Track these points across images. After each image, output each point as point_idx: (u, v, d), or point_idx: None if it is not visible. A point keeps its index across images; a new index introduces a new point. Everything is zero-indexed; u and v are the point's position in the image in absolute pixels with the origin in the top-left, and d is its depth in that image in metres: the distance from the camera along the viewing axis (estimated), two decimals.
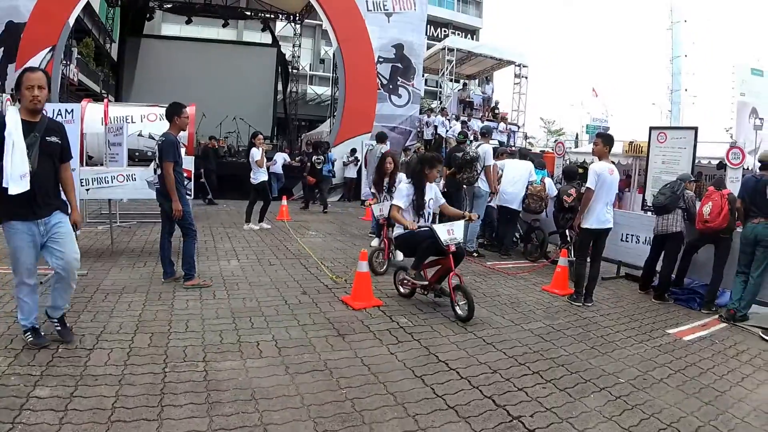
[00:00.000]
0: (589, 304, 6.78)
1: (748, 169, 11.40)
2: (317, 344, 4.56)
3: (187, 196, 6.62)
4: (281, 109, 25.55)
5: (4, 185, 3.74)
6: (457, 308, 5.67)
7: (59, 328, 4.29)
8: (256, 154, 10.74)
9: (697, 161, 10.12)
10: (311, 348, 4.46)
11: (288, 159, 17.09)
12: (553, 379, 4.31)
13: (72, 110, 6.81)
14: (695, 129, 9.45)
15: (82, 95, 20.53)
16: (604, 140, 6.85)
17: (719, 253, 6.99)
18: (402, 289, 6.38)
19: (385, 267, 7.52)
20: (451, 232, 5.71)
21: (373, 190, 8.80)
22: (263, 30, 25.54)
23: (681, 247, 7.36)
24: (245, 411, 3.30)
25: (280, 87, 25.71)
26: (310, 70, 37.55)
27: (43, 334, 4.22)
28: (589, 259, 6.90)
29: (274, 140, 23.47)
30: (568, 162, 13.53)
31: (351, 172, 17.42)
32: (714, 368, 4.95)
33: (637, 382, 4.42)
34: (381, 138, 13.25)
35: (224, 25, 24.60)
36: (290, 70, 26.24)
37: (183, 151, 6.81)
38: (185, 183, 6.56)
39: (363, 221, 13.16)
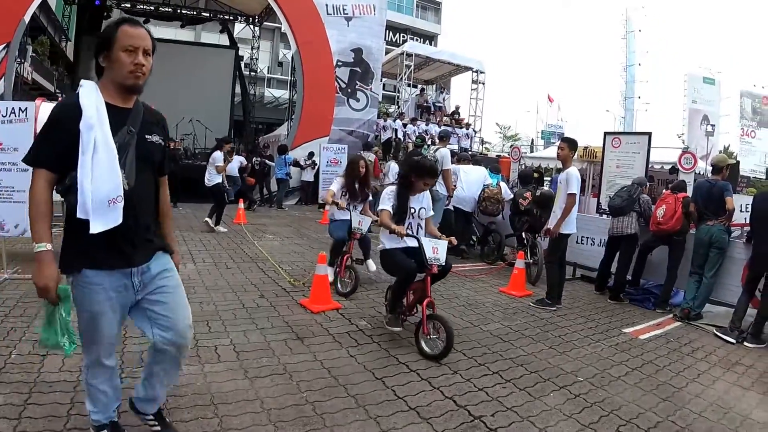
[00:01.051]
0: (560, 306, 6.88)
1: (699, 173, 11.76)
2: (276, 348, 4.50)
3: None
4: (239, 111, 25.29)
5: (80, 215, 2.31)
6: (423, 342, 4.67)
7: (158, 428, 2.92)
8: (219, 158, 10.78)
9: (650, 166, 10.38)
10: (270, 352, 4.40)
11: (244, 162, 16.88)
12: (513, 378, 4.35)
13: (26, 109, 6.55)
14: (649, 134, 9.70)
15: (35, 94, 19.82)
16: (569, 145, 6.96)
17: (673, 254, 7.21)
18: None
19: (350, 287, 6.50)
20: (436, 251, 4.77)
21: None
22: (221, 31, 25.24)
23: (635, 248, 7.56)
24: (204, 416, 3.23)
25: (238, 89, 25.42)
26: (268, 73, 37.31)
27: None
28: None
29: (232, 143, 23.18)
30: (523, 167, 13.72)
31: (308, 176, 17.28)
32: (670, 365, 5.08)
33: (595, 380, 4.50)
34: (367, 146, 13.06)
35: (182, 26, 24.24)
36: (248, 72, 25.99)
37: None
38: None
39: (320, 224, 13.05)
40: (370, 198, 7.33)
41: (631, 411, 3.95)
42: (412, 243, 5.00)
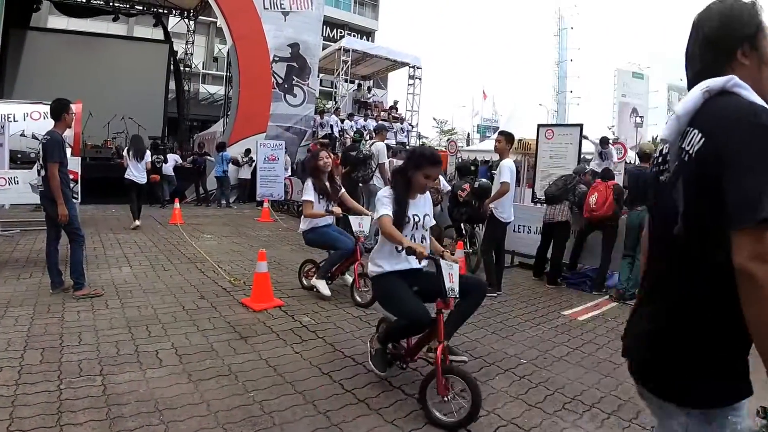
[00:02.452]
0: (500, 293, 7.03)
1: (630, 162, 12.19)
2: (219, 349, 4.42)
3: (74, 200, 6.24)
4: (173, 108, 24.60)
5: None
6: (436, 412, 3.43)
7: None
8: (149, 156, 11.18)
9: (582, 156, 10.69)
10: (213, 353, 4.32)
11: (180, 160, 16.51)
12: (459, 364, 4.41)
13: None
14: (581, 126, 9.98)
15: None
16: (506, 138, 7.14)
17: (606, 239, 7.48)
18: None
19: (370, 296, 5.88)
20: (452, 278, 3.52)
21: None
22: (155, 25, 24.29)
23: (568, 235, 7.80)
24: (150, 424, 3.14)
25: (172, 86, 24.68)
26: (203, 69, 36.40)
27: None
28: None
29: (166, 140, 22.49)
30: (460, 160, 13.91)
31: (245, 173, 17.01)
32: (609, 343, 5.30)
33: (538, 362, 4.65)
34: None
35: (114, 20, 23.21)
36: (183, 68, 25.35)
37: (69, 151, 6.42)
38: (71, 185, 6.18)
39: (259, 223, 13.00)
40: (342, 189, 6.89)
41: (574, 388, 4.10)
42: (410, 263, 3.90)
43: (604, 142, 13.53)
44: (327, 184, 6.42)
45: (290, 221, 13.31)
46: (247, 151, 16.87)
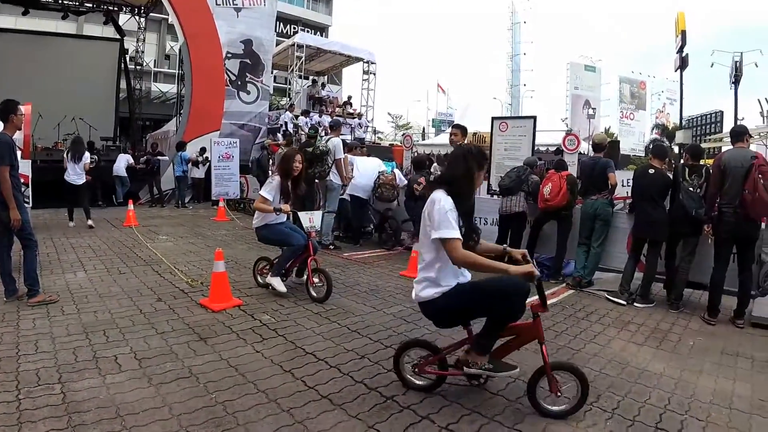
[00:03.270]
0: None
1: (583, 153, 12.46)
2: (179, 351, 4.37)
3: (26, 204, 6.08)
4: (125, 108, 23.99)
5: None
6: (546, 405, 3.54)
7: None
8: (87, 157, 11.19)
9: (536, 148, 10.86)
10: (173, 356, 4.27)
11: (131, 160, 16.21)
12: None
13: None
14: (534, 118, 10.13)
15: None
16: (461, 131, 7.26)
17: (562, 228, 7.68)
18: (417, 381, 3.84)
19: (325, 291, 6.06)
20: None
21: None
22: (105, 23, 23.55)
23: (525, 225, 7.95)
24: (112, 430, 3.09)
25: (123, 84, 24.05)
26: (155, 67, 35.75)
27: None
28: None
29: (117, 141, 21.99)
30: (416, 154, 14.00)
31: (199, 173, 16.78)
32: (568, 330, 5.46)
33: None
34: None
35: (64, 17, 22.45)
36: (134, 66, 24.74)
37: (19, 154, 6.25)
38: (22, 189, 6.00)
39: (215, 222, 12.88)
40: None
41: None
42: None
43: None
44: (289, 184, 6.37)
45: (246, 220, 13.18)
46: (202, 150, 16.66)
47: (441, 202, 3.50)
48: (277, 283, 6.19)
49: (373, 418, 3.37)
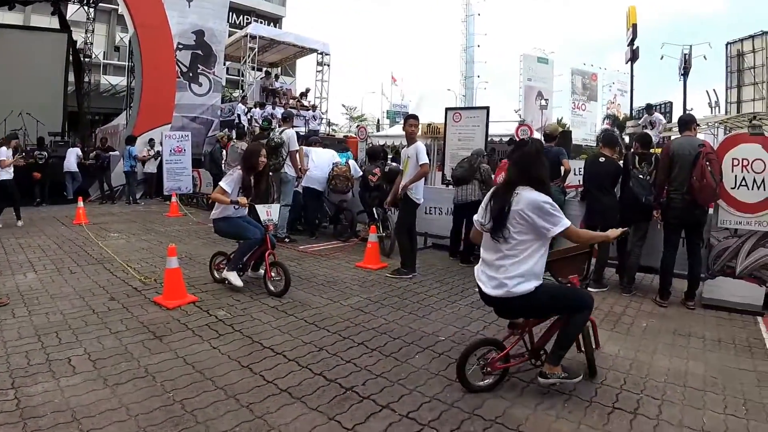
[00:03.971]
0: (415, 274, 7.21)
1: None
2: (134, 351, 4.30)
3: None
4: (73, 101, 23.29)
5: None
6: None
7: None
8: (2, 153, 10.55)
9: (489, 139, 11.02)
10: (128, 356, 4.19)
11: (81, 155, 15.81)
12: (379, 346, 4.54)
13: None
14: (487, 108, 10.29)
15: None
16: (417, 121, 7.30)
17: None
18: (481, 382, 3.80)
19: (283, 285, 6.05)
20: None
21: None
22: (53, 14, 22.75)
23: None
24: None
25: (71, 78, 23.33)
26: (104, 59, 34.70)
27: None
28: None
29: (66, 136, 21.31)
30: (370, 145, 14.04)
31: (151, 167, 16.46)
32: None
33: (456, 338, 4.83)
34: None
35: (10, 8, 21.49)
36: (83, 58, 24.00)
37: None
38: None
39: (168, 218, 12.69)
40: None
41: None
42: None
43: (648, 108, 14.06)
44: (252, 180, 6.29)
45: (200, 215, 13.08)
46: (151, 142, 16.35)
47: (542, 198, 3.57)
48: (234, 278, 6.11)
49: (334, 409, 3.39)
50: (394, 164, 9.85)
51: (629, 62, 30.50)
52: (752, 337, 5.21)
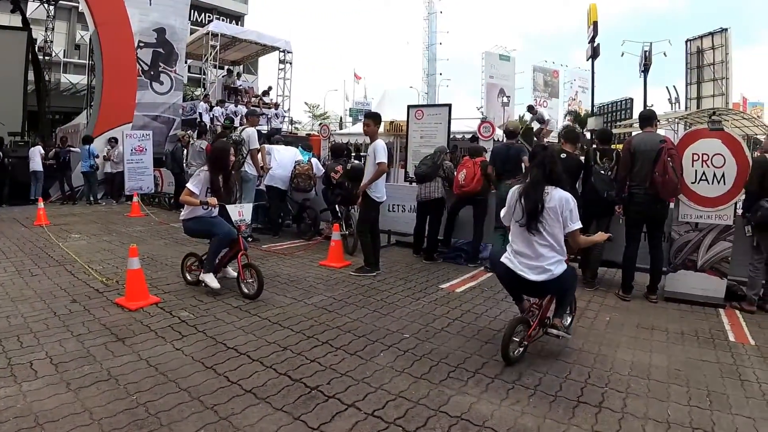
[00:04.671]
0: (379, 271, 7.27)
1: (498, 140, 12.88)
2: (97, 353, 4.25)
3: None
4: (33, 101, 22.72)
5: None
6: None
7: None
8: None
9: (452, 136, 11.11)
10: (91, 358, 4.15)
11: (43, 153, 15.48)
12: (343, 345, 4.57)
13: None
14: (449, 106, 10.37)
15: None
16: (374, 120, 7.32)
17: (478, 213, 7.93)
18: (518, 351, 4.34)
19: (256, 287, 5.93)
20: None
21: None
22: (13, 11, 22.14)
23: (443, 211, 8.16)
24: None
25: (31, 76, 22.71)
26: (64, 57, 33.97)
27: None
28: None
29: (26, 136, 20.78)
30: (333, 143, 14.07)
31: (115, 167, 16.22)
32: (487, 312, 5.69)
33: (421, 335, 4.88)
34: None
35: None
36: (42, 56, 23.38)
37: None
38: None
39: (129, 218, 12.53)
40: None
41: (458, 357, 4.37)
42: None
43: (530, 109, 14.24)
44: (221, 181, 6.18)
45: (162, 215, 12.97)
46: (114, 141, 16.09)
47: (570, 197, 4.24)
48: (210, 280, 6.01)
49: (299, 409, 3.41)
50: (356, 162, 9.90)
51: (590, 59, 30.99)
52: (714, 329, 5.40)
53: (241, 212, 6.17)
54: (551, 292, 4.39)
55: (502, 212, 4.52)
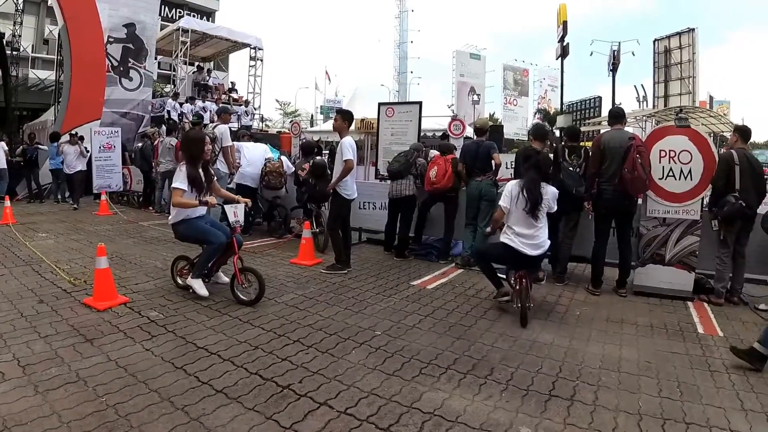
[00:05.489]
0: (350, 269, 7.29)
1: (469, 137, 12.99)
2: (65, 355, 4.19)
3: None
4: (0, 96, 22.31)
5: None
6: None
7: None
8: None
9: (423, 133, 11.17)
10: (59, 360, 4.08)
11: (6, 149, 15.14)
12: (315, 343, 4.57)
13: None
14: (419, 103, 10.42)
15: None
16: (342, 116, 7.35)
17: (448, 210, 8.01)
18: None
19: (256, 293, 5.71)
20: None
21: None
22: None
23: (414, 208, 8.19)
24: None
25: None
26: (32, 52, 33.32)
27: None
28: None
29: None
30: (304, 140, 14.05)
31: (81, 165, 15.97)
32: (458, 308, 5.74)
33: (392, 332, 4.92)
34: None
35: None
36: (10, 51, 22.88)
37: None
38: None
39: (97, 216, 12.37)
40: (215, 178, 6.38)
41: (429, 353, 4.41)
42: None
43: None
44: (201, 173, 5.85)
45: (131, 213, 12.85)
46: (81, 139, 15.82)
47: (555, 190, 5.61)
48: (199, 286, 5.78)
49: (271, 408, 3.41)
50: (318, 158, 9.88)
51: (560, 58, 31.43)
52: (683, 322, 5.54)
53: (236, 212, 5.92)
54: (540, 262, 5.78)
55: (502, 202, 5.52)
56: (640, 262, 6.67)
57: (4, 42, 22.35)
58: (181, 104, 19.29)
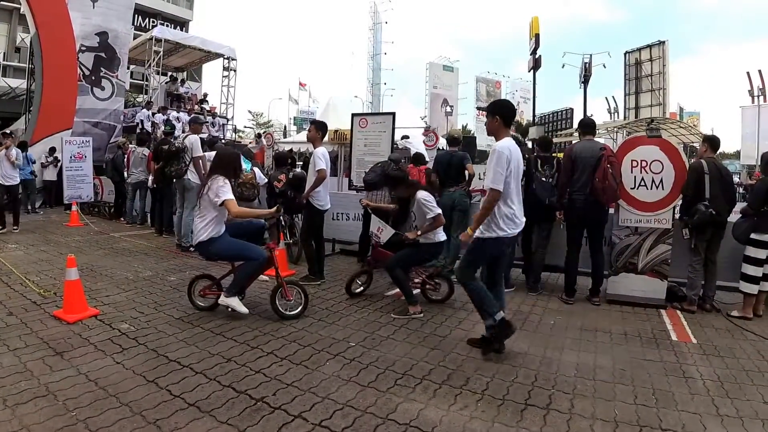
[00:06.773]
0: (324, 280, 7.30)
1: (441, 149, 13.11)
2: (34, 368, 4.12)
3: None
4: None
5: None
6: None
7: None
8: None
9: (395, 145, 11.22)
10: (28, 374, 4.01)
11: None
12: (288, 355, 4.55)
13: None
14: (393, 114, 10.47)
15: None
16: (316, 126, 7.38)
17: None
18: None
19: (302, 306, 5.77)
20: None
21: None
22: None
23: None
24: None
25: None
26: (4, 60, 32.72)
27: None
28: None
29: None
30: (277, 151, 14.04)
31: (51, 174, 15.72)
32: (433, 318, 5.77)
33: (366, 343, 4.92)
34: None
35: None
36: None
37: None
38: None
39: (68, 227, 12.18)
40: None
41: (404, 364, 4.42)
42: None
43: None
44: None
45: (102, 224, 12.67)
46: (52, 150, 15.63)
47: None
48: (237, 304, 5.57)
49: (245, 422, 3.38)
50: (298, 170, 9.88)
51: (532, 70, 31.73)
52: (657, 329, 5.63)
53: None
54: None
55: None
56: (612, 270, 6.77)
57: None
58: (153, 114, 19.13)
